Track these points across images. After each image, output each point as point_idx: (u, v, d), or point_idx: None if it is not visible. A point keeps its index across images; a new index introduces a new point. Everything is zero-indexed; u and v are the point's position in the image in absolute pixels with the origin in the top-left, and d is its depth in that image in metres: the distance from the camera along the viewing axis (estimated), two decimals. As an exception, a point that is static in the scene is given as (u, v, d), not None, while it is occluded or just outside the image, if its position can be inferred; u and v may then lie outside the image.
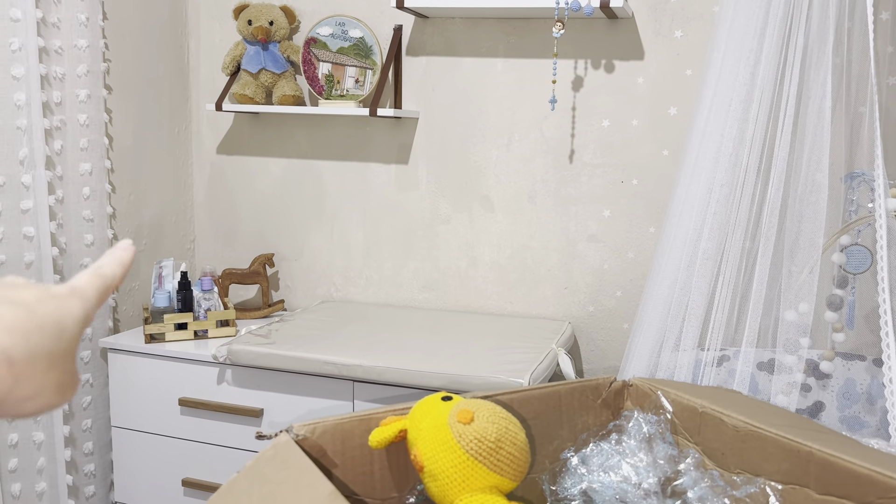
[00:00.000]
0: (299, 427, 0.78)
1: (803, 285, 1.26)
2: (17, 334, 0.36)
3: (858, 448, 0.75)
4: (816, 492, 0.72)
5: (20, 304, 0.38)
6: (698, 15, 1.92)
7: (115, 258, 0.47)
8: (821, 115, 1.29)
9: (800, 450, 0.73)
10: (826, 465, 0.71)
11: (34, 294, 0.40)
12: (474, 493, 0.68)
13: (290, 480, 0.67)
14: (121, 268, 0.47)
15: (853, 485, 0.69)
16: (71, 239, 1.96)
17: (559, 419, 0.91)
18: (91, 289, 0.43)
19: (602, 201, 2.07)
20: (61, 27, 1.88)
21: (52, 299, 0.40)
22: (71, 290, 0.42)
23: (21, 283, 0.41)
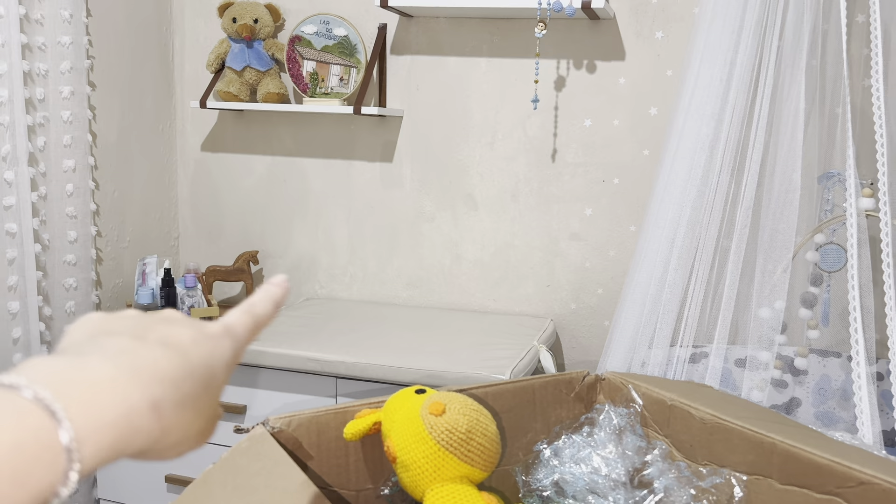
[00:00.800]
0: (275, 420, 0.79)
1: (778, 283, 1.28)
2: (169, 384, 0.35)
3: (821, 440, 0.77)
4: (779, 482, 0.75)
5: (176, 347, 0.37)
6: (678, 16, 1.95)
7: (267, 295, 0.45)
8: (795, 116, 1.32)
9: (763, 441, 0.75)
10: (788, 456, 0.73)
11: (190, 335, 0.38)
12: (445, 483, 0.70)
13: (264, 471, 0.68)
14: (273, 306, 0.45)
15: (814, 475, 0.71)
16: (54, 235, 1.96)
17: (533, 412, 0.93)
18: (243, 328, 0.42)
19: (584, 200, 2.09)
20: (44, 23, 1.88)
21: (206, 341, 0.39)
22: (225, 329, 0.41)
23: (178, 319, 0.40)
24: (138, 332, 0.37)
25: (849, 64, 1.72)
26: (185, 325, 0.39)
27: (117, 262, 2.22)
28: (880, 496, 0.66)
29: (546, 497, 0.84)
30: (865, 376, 1.08)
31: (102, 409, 0.31)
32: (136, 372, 0.34)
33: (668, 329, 1.43)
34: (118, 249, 2.22)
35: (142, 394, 0.33)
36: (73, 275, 2.01)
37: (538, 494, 0.84)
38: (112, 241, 2.19)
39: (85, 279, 2.04)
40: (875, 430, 1.06)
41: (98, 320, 0.39)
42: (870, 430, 1.05)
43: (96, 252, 2.12)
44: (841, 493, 0.69)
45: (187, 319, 0.40)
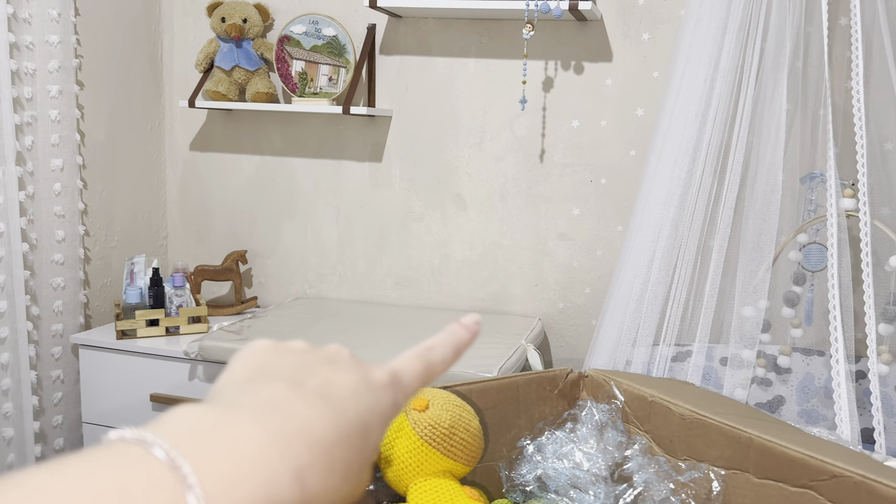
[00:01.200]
0: (261, 416, 0.80)
1: (760, 282, 1.30)
2: (319, 450, 0.31)
3: (796, 434, 0.79)
4: (756, 476, 0.76)
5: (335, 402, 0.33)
6: (665, 18, 1.97)
7: (451, 338, 0.40)
8: (778, 118, 1.33)
9: (740, 436, 0.77)
10: (764, 450, 0.75)
11: (352, 385, 0.34)
12: (428, 478, 0.71)
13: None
14: (454, 353, 0.39)
15: (789, 468, 0.73)
16: (42, 235, 1.96)
17: (516, 409, 0.94)
18: (412, 377, 0.38)
19: (572, 200, 2.11)
20: (32, 23, 1.88)
21: (368, 392, 0.35)
22: (391, 378, 0.37)
23: (343, 360, 0.36)
24: (298, 376, 0.34)
25: (831, 66, 1.74)
26: (348, 371, 0.35)
27: (105, 261, 2.22)
28: (852, 488, 0.67)
29: (529, 492, 0.85)
30: (844, 374, 1.10)
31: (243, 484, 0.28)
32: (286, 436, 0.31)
33: (652, 328, 1.44)
34: (106, 249, 2.22)
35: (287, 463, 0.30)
36: (60, 274, 2.00)
37: (521, 489, 0.85)
38: (100, 240, 2.19)
39: (73, 278, 2.04)
40: (854, 428, 1.08)
41: (262, 352, 0.36)
42: (848, 426, 1.07)
43: (84, 251, 2.12)
44: (814, 486, 0.70)
45: (352, 362, 0.36)
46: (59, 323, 2.02)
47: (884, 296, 1.55)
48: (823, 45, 1.39)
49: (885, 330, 1.47)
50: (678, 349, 1.81)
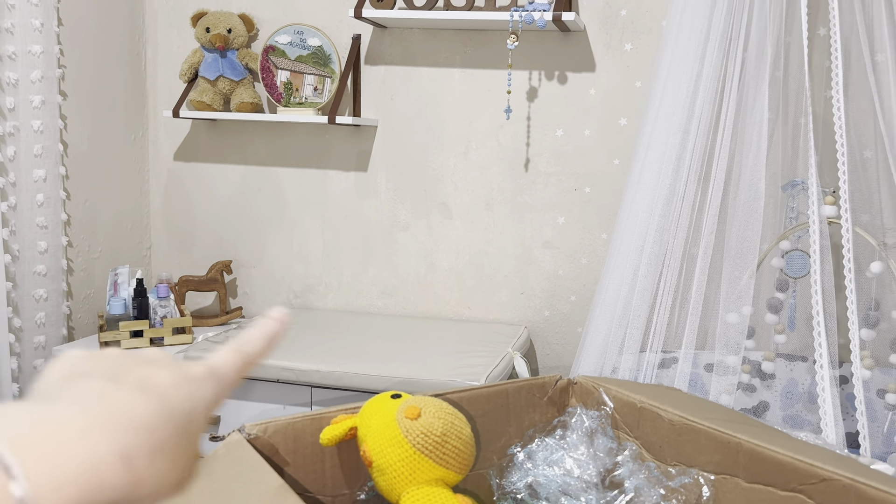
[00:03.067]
0: (251, 426, 0.79)
1: (744, 289, 1.32)
2: (144, 432, 0.32)
3: (785, 439, 0.79)
4: (745, 480, 0.77)
5: (154, 391, 0.34)
6: (647, 29, 1.99)
7: (262, 331, 0.42)
8: (760, 126, 1.35)
9: (730, 441, 0.77)
10: (753, 454, 0.76)
11: (170, 377, 0.36)
12: (421, 486, 0.71)
13: (241, 476, 0.69)
14: (267, 344, 0.41)
15: (777, 473, 0.73)
16: (24, 246, 1.94)
17: (507, 416, 0.94)
18: (230, 369, 0.39)
19: (556, 209, 2.12)
20: (15, 33, 1.86)
21: (187, 384, 0.36)
22: (209, 371, 0.38)
23: (159, 360, 0.37)
24: (116, 375, 0.35)
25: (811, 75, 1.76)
26: (165, 367, 0.37)
27: (88, 272, 2.20)
28: (840, 492, 0.68)
29: (520, 499, 0.85)
30: (829, 379, 1.11)
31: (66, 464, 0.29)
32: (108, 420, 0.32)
33: (638, 335, 1.45)
34: (89, 260, 2.20)
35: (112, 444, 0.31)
36: (43, 285, 1.98)
37: (512, 497, 0.85)
38: (83, 251, 2.17)
39: (55, 290, 2.02)
40: (838, 432, 1.09)
41: (75, 360, 0.37)
42: (833, 431, 1.08)
43: (67, 262, 2.10)
44: (804, 489, 0.71)
45: (169, 360, 0.38)
46: (42, 335, 2.00)
47: (866, 301, 1.57)
48: (804, 54, 1.42)
49: (867, 335, 1.49)
50: (664, 356, 1.83)
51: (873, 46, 1.55)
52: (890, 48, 1.47)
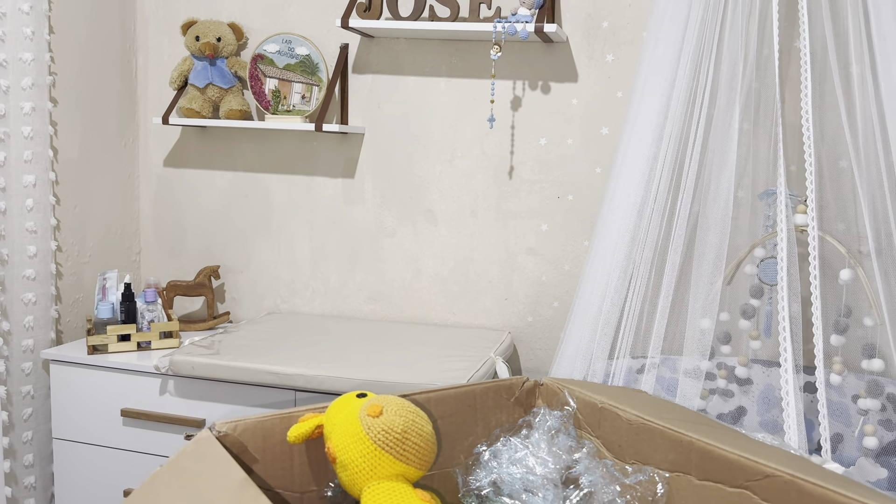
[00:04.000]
0: (221, 424, 0.82)
1: (713, 296, 1.35)
2: None
3: (736, 438, 0.82)
4: (697, 478, 0.80)
5: None
6: (628, 40, 2.03)
7: None
8: (730, 137, 1.39)
9: (682, 440, 0.80)
10: (704, 453, 0.79)
11: None
12: (381, 481, 0.74)
13: (207, 471, 0.71)
14: None
15: (726, 470, 0.76)
16: (13, 250, 1.96)
17: (474, 417, 0.97)
18: None
19: (540, 216, 2.15)
20: (6, 40, 1.89)
21: None
22: None
23: None
24: None
25: (786, 87, 1.81)
26: None
27: (78, 276, 2.23)
28: (782, 487, 0.71)
29: (483, 496, 0.88)
30: (793, 383, 1.14)
31: None
32: None
33: (608, 341, 1.48)
34: (79, 264, 2.23)
35: None
36: (32, 289, 2.01)
37: (476, 493, 0.88)
38: (73, 255, 2.20)
39: (44, 294, 2.05)
40: (801, 434, 1.12)
41: None
42: (796, 434, 1.11)
43: (56, 267, 2.13)
44: (749, 486, 0.74)
45: None
46: (30, 338, 2.02)
47: (837, 308, 1.61)
48: (775, 66, 1.45)
49: (837, 341, 1.52)
50: (642, 361, 1.86)
51: (847, 59, 1.58)
52: (858, 61, 1.50)
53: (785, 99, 1.90)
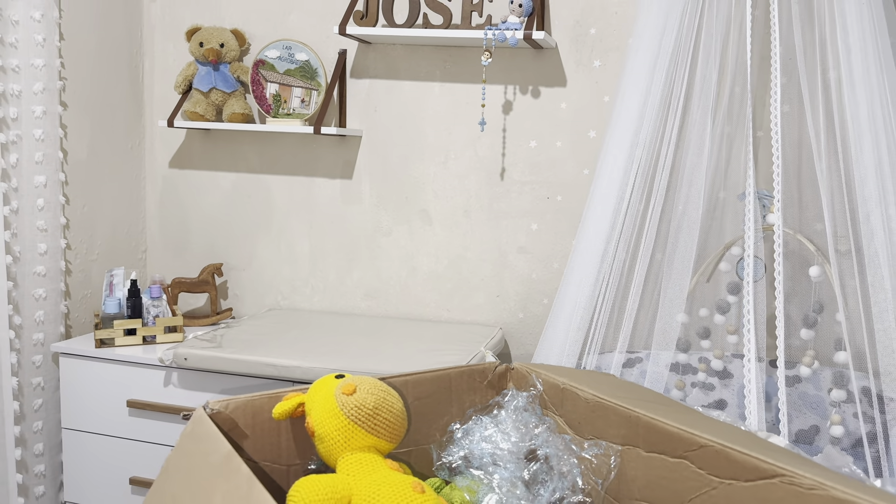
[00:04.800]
0: (214, 403, 0.90)
1: (683, 292, 1.42)
2: None
3: (682, 413, 0.90)
4: (644, 450, 0.87)
5: None
6: (615, 47, 2.10)
7: None
8: (701, 140, 1.46)
9: (630, 416, 0.88)
10: (650, 427, 0.86)
11: None
12: (355, 452, 0.82)
13: (202, 451, 0.79)
14: None
15: (668, 442, 0.84)
16: (25, 248, 2.06)
17: (449, 398, 1.05)
18: None
19: (530, 216, 2.23)
20: (19, 47, 1.99)
21: None
22: None
23: None
24: None
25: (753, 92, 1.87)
26: None
27: (86, 273, 2.32)
28: (713, 456, 0.79)
29: (454, 468, 0.96)
30: (755, 371, 1.21)
31: None
32: None
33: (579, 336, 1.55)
34: (87, 262, 2.32)
35: None
36: (42, 285, 2.10)
37: (447, 466, 0.96)
38: (81, 253, 2.29)
39: (54, 290, 2.14)
40: (760, 418, 1.19)
41: None
42: (755, 417, 1.18)
43: (66, 264, 2.22)
44: (687, 455, 0.82)
45: None
46: (41, 332, 2.11)
47: (809, 304, 1.68)
48: (747, 72, 1.53)
49: (806, 335, 1.59)
50: (628, 356, 1.93)
51: (827, 63, 1.65)
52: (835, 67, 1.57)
53: (766, 104, 1.97)
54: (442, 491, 0.90)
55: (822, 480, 0.70)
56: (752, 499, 0.75)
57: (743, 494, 0.76)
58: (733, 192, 1.90)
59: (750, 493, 0.75)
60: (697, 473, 0.81)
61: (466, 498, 0.87)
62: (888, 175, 1.32)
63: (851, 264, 1.67)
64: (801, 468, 0.73)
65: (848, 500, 0.68)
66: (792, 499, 0.72)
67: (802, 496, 0.71)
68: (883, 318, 1.29)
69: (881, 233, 1.33)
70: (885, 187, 1.34)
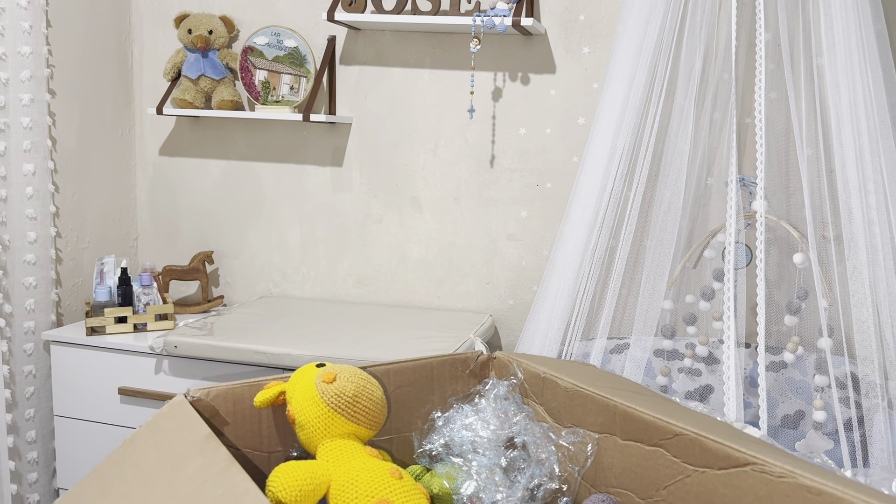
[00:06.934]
0: (195, 391, 0.91)
1: (663, 278, 1.43)
2: None
3: (658, 403, 0.91)
4: (621, 438, 0.88)
5: None
6: (604, 33, 2.10)
7: None
8: (682, 127, 1.46)
9: (608, 404, 0.89)
10: (626, 415, 0.87)
11: None
12: (334, 439, 0.83)
13: (178, 429, 0.80)
14: None
15: (644, 430, 0.85)
16: (14, 236, 2.06)
17: (431, 387, 1.06)
18: None
19: (520, 203, 2.23)
20: (5, 34, 1.98)
21: None
22: None
23: None
24: None
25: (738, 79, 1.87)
26: None
27: (77, 261, 2.32)
28: (688, 444, 0.80)
29: (435, 455, 0.97)
30: (734, 356, 1.23)
31: None
32: None
33: (581, 323, 1.57)
34: (77, 250, 2.32)
35: None
36: (32, 274, 2.10)
37: (428, 454, 0.97)
38: (71, 241, 2.29)
39: (44, 278, 2.14)
40: (738, 406, 1.21)
41: None
42: (734, 405, 1.20)
43: (56, 252, 2.22)
44: (662, 444, 0.83)
45: None
46: (32, 320, 2.12)
47: (793, 290, 1.69)
48: (732, 59, 1.53)
49: (790, 321, 1.60)
50: (617, 342, 1.94)
51: (811, 51, 1.66)
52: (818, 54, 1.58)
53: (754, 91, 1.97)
54: (422, 478, 0.92)
55: (792, 469, 0.71)
56: (725, 486, 0.77)
57: (716, 482, 0.77)
58: (720, 179, 1.91)
59: (722, 481, 0.77)
60: (672, 461, 0.82)
61: (445, 485, 0.88)
62: (868, 162, 1.33)
63: (835, 251, 1.69)
64: (771, 457, 0.74)
65: (816, 487, 0.69)
66: (762, 486, 0.73)
67: (772, 483, 0.72)
68: (861, 305, 1.30)
69: (860, 220, 1.34)
70: (865, 175, 1.34)
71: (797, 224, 1.84)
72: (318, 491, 0.79)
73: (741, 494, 0.74)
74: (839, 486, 0.68)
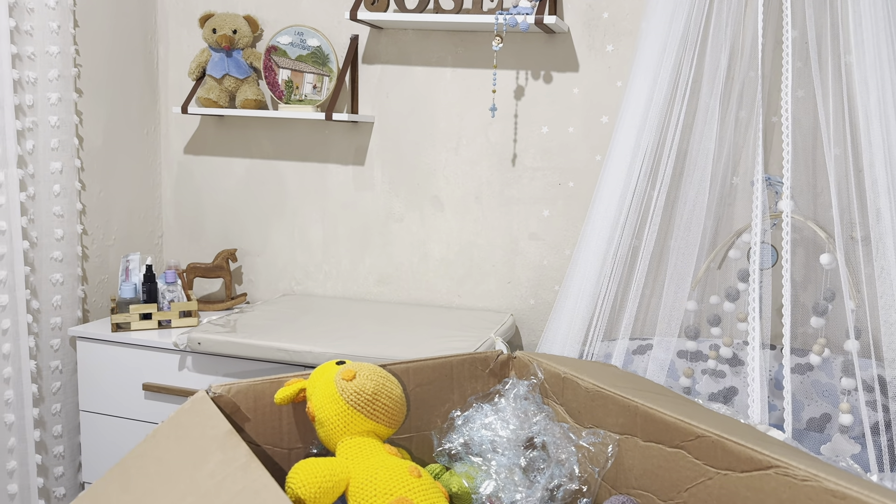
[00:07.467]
0: (217, 387, 0.92)
1: (687, 279, 1.41)
2: None
3: (679, 404, 0.90)
4: (642, 439, 0.88)
5: None
6: (628, 31, 2.08)
7: None
8: (708, 126, 1.45)
9: (629, 405, 0.88)
10: (648, 416, 0.86)
11: None
12: (354, 437, 0.83)
13: (200, 425, 0.81)
14: None
15: (665, 432, 0.84)
16: (42, 233, 2.09)
17: (450, 385, 1.06)
18: None
19: (541, 202, 2.22)
20: (34, 34, 2.01)
21: None
22: None
23: None
24: None
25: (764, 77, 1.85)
26: None
27: (103, 258, 2.35)
28: (710, 446, 0.79)
29: (454, 455, 0.97)
30: (758, 358, 1.21)
31: None
32: None
33: (603, 323, 1.55)
34: (103, 247, 2.35)
35: None
36: (59, 270, 2.13)
37: (447, 453, 0.97)
38: (98, 238, 2.32)
39: (71, 275, 2.17)
40: (763, 409, 1.19)
41: None
42: (758, 407, 1.18)
43: (82, 249, 2.25)
44: (684, 445, 0.82)
45: None
46: (58, 316, 2.15)
47: (820, 291, 1.66)
48: (758, 57, 1.51)
49: (816, 323, 1.57)
50: (640, 343, 1.93)
51: (839, 48, 1.63)
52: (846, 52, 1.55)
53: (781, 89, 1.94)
54: (441, 477, 0.92)
55: (816, 472, 0.70)
56: (747, 489, 0.76)
57: (738, 484, 0.76)
58: (746, 179, 1.89)
59: (745, 484, 0.76)
60: (694, 463, 0.81)
61: (464, 484, 0.88)
62: (898, 163, 1.30)
63: (862, 252, 1.66)
64: (795, 460, 0.73)
65: (840, 491, 0.68)
66: (785, 489, 0.72)
67: (796, 487, 0.71)
68: (889, 306, 1.28)
69: (888, 220, 1.31)
70: (894, 174, 1.32)
71: (824, 224, 1.81)
72: (338, 488, 0.80)
73: (764, 497, 0.73)
74: (864, 490, 0.66)
